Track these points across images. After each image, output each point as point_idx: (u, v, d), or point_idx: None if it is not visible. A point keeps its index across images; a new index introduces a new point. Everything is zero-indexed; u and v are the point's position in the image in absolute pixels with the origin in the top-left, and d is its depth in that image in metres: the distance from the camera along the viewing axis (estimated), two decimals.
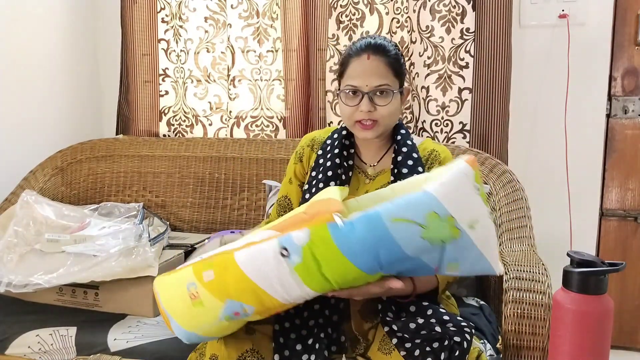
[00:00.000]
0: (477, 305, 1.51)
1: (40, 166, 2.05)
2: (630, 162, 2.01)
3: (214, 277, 0.96)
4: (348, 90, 1.20)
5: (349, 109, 1.21)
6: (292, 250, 0.92)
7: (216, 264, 0.97)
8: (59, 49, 2.18)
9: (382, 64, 1.19)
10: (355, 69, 1.20)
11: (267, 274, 0.94)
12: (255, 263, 0.94)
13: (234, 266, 0.95)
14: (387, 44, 1.22)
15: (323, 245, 0.92)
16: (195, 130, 2.25)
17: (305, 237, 0.93)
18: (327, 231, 0.92)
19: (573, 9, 1.91)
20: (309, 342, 1.10)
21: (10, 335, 1.41)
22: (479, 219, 0.94)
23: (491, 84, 1.89)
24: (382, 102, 1.19)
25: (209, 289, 0.96)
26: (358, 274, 0.93)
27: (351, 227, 0.92)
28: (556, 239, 1.93)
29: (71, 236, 1.59)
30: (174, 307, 1.00)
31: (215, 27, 2.18)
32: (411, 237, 0.92)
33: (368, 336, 1.16)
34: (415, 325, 1.06)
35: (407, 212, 0.92)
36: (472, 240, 0.94)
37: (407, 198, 0.94)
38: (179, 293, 0.99)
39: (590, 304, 0.92)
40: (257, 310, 0.97)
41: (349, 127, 1.26)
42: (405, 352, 1.04)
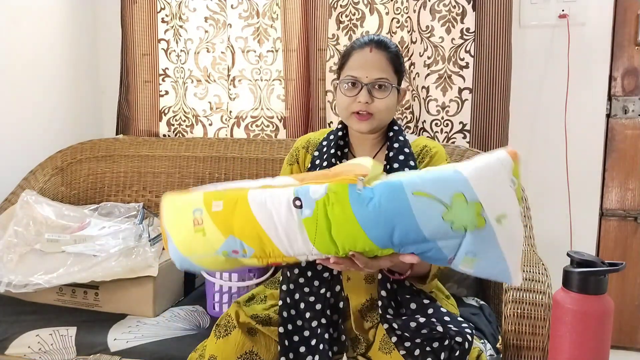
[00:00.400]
0: (477, 305, 1.51)
1: (40, 166, 2.05)
2: (630, 162, 2.01)
3: (221, 209, 0.92)
4: (348, 81, 1.21)
5: (346, 100, 1.22)
6: (306, 202, 0.88)
7: (228, 197, 0.92)
8: (59, 49, 2.18)
9: (384, 58, 1.21)
10: (357, 60, 1.22)
11: (275, 220, 0.89)
12: (266, 207, 0.90)
13: (244, 204, 0.91)
14: (389, 41, 1.25)
15: (338, 205, 0.87)
16: (195, 130, 2.25)
17: (322, 191, 0.88)
18: (347, 191, 0.87)
19: (573, 9, 1.91)
20: (312, 343, 1.10)
21: (10, 335, 1.41)
22: (508, 215, 0.87)
23: (491, 84, 1.89)
24: (380, 95, 1.20)
25: (215, 219, 0.92)
26: (368, 244, 0.88)
27: (371, 193, 0.87)
28: (556, 239, 1.93)
29: (71, 236, 1.59)
30: (176, 228, 0.96)
31: (215, 27, 2.18)
32: (432, 215, 0.86)
33: (369, 336, 1.16)
34: (416, 324, 1.06)
35: (433, 187, 0.86)
36: (495, 235, 0.87)
37: (435, 173, 0.88)
38: (183, 215, 0.95)
39: (590, 304, 0.92)
40: (256, 253, 0.92)
41: (344, 118, 1.26)
42: (405, 352, 1.04)
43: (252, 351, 1.10)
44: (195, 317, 1.53)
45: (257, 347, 1.11)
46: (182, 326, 1.47)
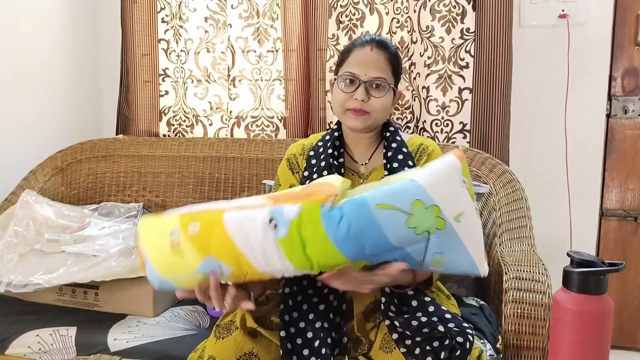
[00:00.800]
0: (477, 305, 1.51)
1: (40, 166, 2.05)
2: (630, 162, 2.01)
3: (198, 232, 0.94)
4: (346, 77, 1.22)
5: (343, 96, 1.22)
6: (280, 223, 0.92)
7: (204, 219, 0.95)
8: (59, 49, 2.18)
9: (383, 58, 1.22)
10: (356, 57, 1.23)
11: (251, 240, 0.92)
12: (242, 228, 0.93)
13: (220, 226, 0.93)
14: (389, 42, 1.26)
15: (311, 225, 0.91)
16: (195, 130, 2.25)
17: (295, 212, 0.92)
18: (318, 211, 0.91)
19: (573, 9, 1.91)
20: (315, 345, 1.10)
21: (10, 335, 1.41)
22: (465, 212, 0.95)
23: (491, 84, 1.89)
24: (376, 94, 1.21)
25: (192, 241, 0.95)
26: (341, 259, 0.93)
27: (340, 212, 0.92)
28: (556, 239, 1.93)
29: (71, 236, 1.59)
30: (153, 250, 0.98)
31: (215, 27, 2.18)
32: (396, 224, 0.92)
33: (370, 336, 1.16)
34: (417, 322, 1.06)
35: (393, 199, 0.92)
36: (456, 233, 0.95)
37: (394, 186, 0.95)
38: (160, 238, 0.97)
39: (590, 304, 0.92)
40: (234, 272, 0.95)
41: (339, 115, 1.26)
42: (406, 350, 1.04)
43: (252, 352, 1.10)
44: (195, 317, 1.53)
45: (257, 348, 1.11)
46: (182, 326, 1.47)
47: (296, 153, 1.34)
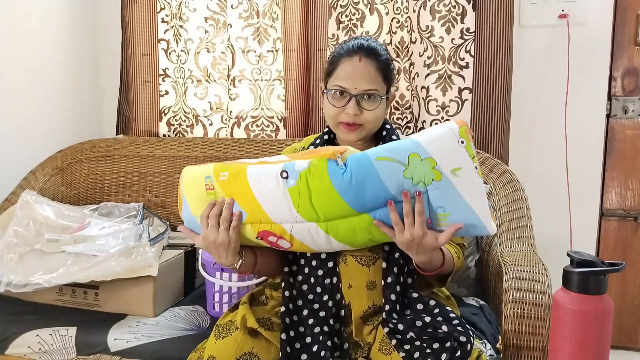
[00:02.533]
0: (477, 305, 1.51)
1: (40, 166, 2.05)
2: (630, 162, 2.01)
3: (227, 178, 1.09)
4: (335, 91, 1.18)
5: (334, 110, 1.19)
6: (291, 174, 1.03)
7: (232, 169, 1.09)
8: (59, 49, 2.18)
9: (373, 67, 1.17)
10: (345, 69, 1.18)
11: (266, 190, 1.05)
12: (260, 179, 1.06)
13: (243, 176, 1.07)
14: (379, 47, 1.20)
15: (318, 176, 1.02)
16: (195, 130, 2.25)
17: (305, 165, 1.03)
18: (325, 165, 1.02)
19: (573, 9, 1.91)
20: (314, 350, 1.09)
21: (10, 335, 1.41)
22: (462, 167, 0.99)
23: (491, 84, 1.89)
24: (369, 106, 1.17)
25: (221, 186, 1.09)
26: (345, 208, 1.02)
27: (344, 165, 1.02)
28: (556, 239, 1.93)
29: (71, 236, 1.59)
30: (191, 192, 1.13)
31: (215, 27, 2.18)
32: (394, 173, 1.00)
33: (368, 339, 1.16)
34: (421, 322, 1.06)
35: (391, 152, 1.01)
36: (454, 185, 0.99)
37: (395, 143, 1.04)
38: (197, 182, 1.12)
39: (590, 304, 0.92)
40: (249, 218, 1.07)
41: (332, 127, 1.24)
42: (405, 354, 1.04)
43: (252, 352, 1.10)
44: (195, 317, 1.53)
45: (257, 348, 1.11)
46: (182, 326, 1.47)
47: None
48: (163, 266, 1.54)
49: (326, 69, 1.24)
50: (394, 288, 1.12)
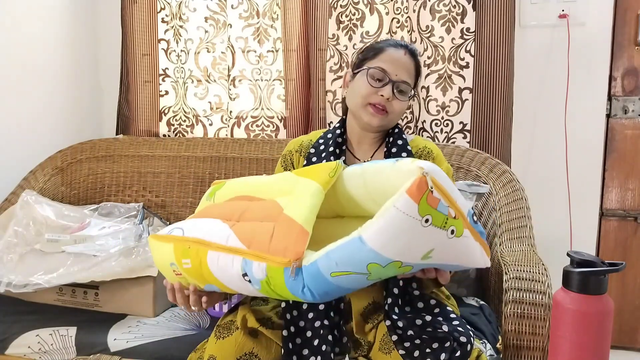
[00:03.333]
0: (477, 305, 1.51)
1: (40, 166, 2.05)
2: (630, 162, 2.01)
3: (191, 267, 1.02)
4: (378, 72, 1.22)
5: (368, 89, 1.21)
6: (253, 280, 0.95)
7: (192, 257, 1.01)
8: (59, 49, 2.18)
9: (413, 65, 1.26)
10: (390, 55, 1.23)
11: (234, 285, 1.00)
12: (223, 272, 0.98)
13: (206, 266, 1.00)
14: (418, 52, 1.30)
15: (279, 288, 0.93)
16: (195, 130, 2.25)
17: (262, 274, 0.92)
18: (282, 278, 0.90)
19: (573, 9, 1.91)
20: (315, 344, 1.10)
21: (10, 335, 1.41)
22: (435, 248, 0.87)
23: (492, 84, 1.89)
24: (400, 97, 1.23)
25: (189, 273, 1.04)
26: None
27: (301, 279, 0.89)
28: (556, 239, 1.93)
29: (71, 236, 1.59)
30: (164, 272, 1.11)
31: (215, 27, 2.18)
32: (357, 281, 0.89)
33: (368, 337, 1.16)
34: (421, 321, 1.06)
35: (346, 264, 0.86)
36: (431, 264, 0.92)
37: (343, 247, 0.87)
38: (165, 264, 1.08)
39: (590, 304, 0.92)
40: (231, 293, 1.06)
41: (357, 107, 1.24)
42: (404, 352, 1.04)
43: (252, 352, 1.10)
44: (195, 317, 1.53)
45: (258, 348, 1.11)
46: (182, 326, 1.47)
47: (292, 150, 1.34)
48: None
49: (365, 53, 1.28)
50: (396, 282, 1.13)
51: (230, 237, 0.99)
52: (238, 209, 1.06)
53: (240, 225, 1.02)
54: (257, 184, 1.13)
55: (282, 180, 1.10)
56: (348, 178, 1.05)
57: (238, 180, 1.19)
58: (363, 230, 0.86)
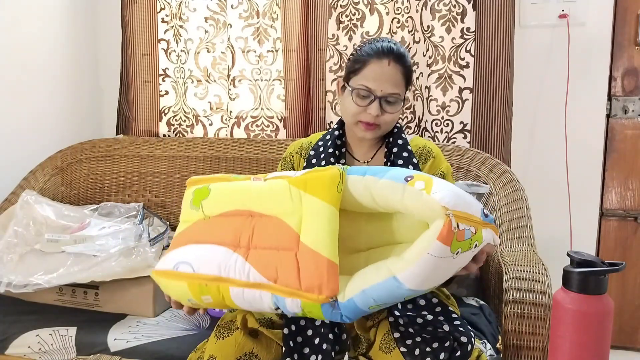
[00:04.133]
0: (477, 305, 1.51)
1: (40, 166, 2.05)
2: (630, 162, 2.01)
3: (212, 301, 1.01)
4: (360, 90, 1.20)
5: (356, 108, 1.21)
6: (287, 311, 0.97)
7: (213, 293, 1.00)
8: (59, 49, 2.18)
9: (400, 72, 1.21)
10: (374, 70, 1.20)
11: (264, 310, 1.00)
12: (251, 304, 0.99)
13: (229, 299, 0.99)
14: (406, 54, 1.24)
15: (315, 313, 0.96)
16: (195, 130, 2.25)
17: (298, 309, 0.95)
18: (320, 310, 0.94)
19: (573, 9, 1.91)
20: (316, 342, 1.10)
21: (10, 335, 1.41)
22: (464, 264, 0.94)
23: (492, 84, 1.89)
24: (390, 109, 1.21)
25: (211, 305, 1.04)
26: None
27: (339, 312, 0.94)
28: (556, 239, 1.93)
29: (71, 236, 1.59)
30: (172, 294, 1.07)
31: (215, 27, 2.18)
32: (395, 300, 0.96)
33: (369, 335, 1.16)
34: (422, 320, 1.07)
35: (384, 300, 0.93)
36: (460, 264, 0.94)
37: (379, 287, 0.92)
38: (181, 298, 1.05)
39: (590, 304, 0.92)
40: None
41: (349, 124, 1.26)
42: (405, 350, 1.04)
43: (252, 352, 1.10)
44: (195, 317, 1.53)
45: (258, 348, 1.11)
46: (182, 326, 1.47)
47: (293, 152, 1.34)
48: None
49: (350, 66, 1.25)
50: None
51: (251, 272, 0.97)
52: (241, 229, 1.02)
53: (255, 255, 0.99)
54: (250, 193, 1.05)
55: (280, 193, 1.02)
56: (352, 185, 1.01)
57: (224, 187, 1.09)
58: (397, 271, 0.90)
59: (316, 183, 1.00)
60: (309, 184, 1.00)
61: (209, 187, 1.10)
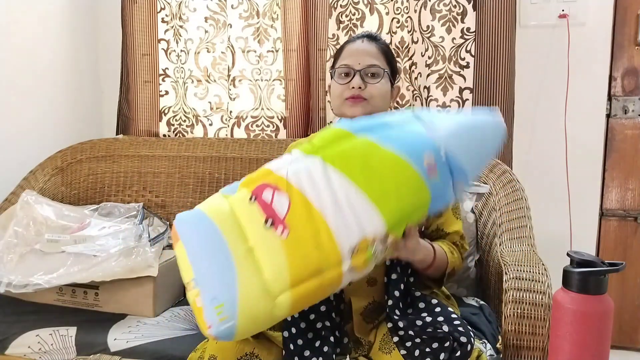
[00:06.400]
0: (477, 305, 1.51)
1: (40, 166, 2.05)
2: (630, 162, 2.01)
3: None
4: (341, 70, 1.25)
5: (340, 87, 1.25)
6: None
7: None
8: (59, 49, 2.18)
9: (375, 48, 1.27)
10: (350, 49, 1.27)
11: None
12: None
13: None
14: (380, 37, 1.32)
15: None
16: (195, 131, 2.25)
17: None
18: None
19: (573, 9, 1.91)
20: (317, 345, 1.10)
21: (10, 335, 1.41)
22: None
23: (493, 84, 1.89)
24: (372, 81, 1.24)
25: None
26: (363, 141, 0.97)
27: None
28: (556, 239, 1.93)
29: (71, 236, 1.59)
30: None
31: (215, 27, 2.18)
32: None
33: (369, 337, 1.16)
34: (422, 322, 1.06)
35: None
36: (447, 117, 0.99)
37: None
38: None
39: (590, 304, 0.92)
40: (247, 179, 1.03)
41: (338, 107, 1.28)
42: (406, 352, 1.04)
43: (253, 353, 1.10)
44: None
45: (258, 348, 1.11)
46: (182, 326, 1.47)
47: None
48: (163, 266, 1.54)
49: (333, 60, 1.34)
50: (397, 285, 1.13)
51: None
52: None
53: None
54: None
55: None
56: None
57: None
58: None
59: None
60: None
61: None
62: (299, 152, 1.00)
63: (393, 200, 0.92)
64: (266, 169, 1.01)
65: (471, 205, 1.63)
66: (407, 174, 0.92)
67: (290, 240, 0.90)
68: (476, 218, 1.65)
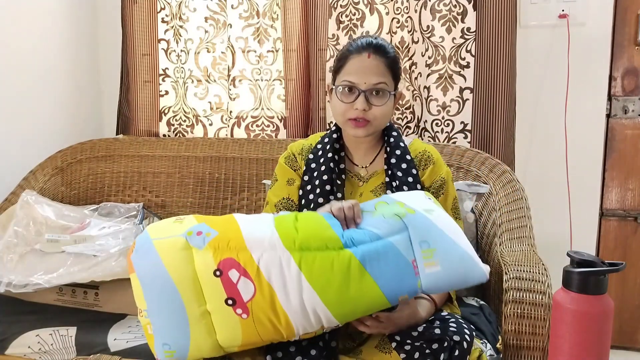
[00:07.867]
0: (477, 305, 1.51)
1: (40, 166, 2.05)
2: (630, 162, 2.01)
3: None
4: (345, 86, 1.20)
5: (343, 106, 1.20)
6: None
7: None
8: (59, 49, 2.18)
9: (382, 64, 1.20)
10: (354, 65, 1.20)
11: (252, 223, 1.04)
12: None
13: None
14: (387, 45, 1.23)
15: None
16: (195, 130, 2.25)
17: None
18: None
19: (573, 9, 1.91)
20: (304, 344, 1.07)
21: (10, 335, 1.41)
22: (435, 210, 1.02)
23: (493, 84, 1.89)
24: (377, 102, 1.20)
25: (197, 218, 1.06)
26: (327, 234, 0.99)
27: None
28: (556, 239, 1.93)
29: (71, 236, 1.59)
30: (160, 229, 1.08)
31: (215, 27, 2.18)
32: (365, 219, 1.04)
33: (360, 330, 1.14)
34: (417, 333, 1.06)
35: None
36: (431, 220, 0.99)
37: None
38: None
39: (590, 304, 0.92)
40: (217, 238, 0.98)
41: (340, 123, 1.25)
42: (405, 355, 1.04)
43: None
44: None
45: None
46: None
47: (295, 152, 1.34)
48: None
49: (334, 66, 1.26)
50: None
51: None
52: None
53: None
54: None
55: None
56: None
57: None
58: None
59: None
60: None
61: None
62: (278, 238, 0.97)
63: (357, 315, 1.02)
64: (240, 238, 0.98)
65: (471, 205, 1.63)
66: (380, 302, 0.99)
67: (249, 321, 0.96)
68: (476, 218, 1.65)
